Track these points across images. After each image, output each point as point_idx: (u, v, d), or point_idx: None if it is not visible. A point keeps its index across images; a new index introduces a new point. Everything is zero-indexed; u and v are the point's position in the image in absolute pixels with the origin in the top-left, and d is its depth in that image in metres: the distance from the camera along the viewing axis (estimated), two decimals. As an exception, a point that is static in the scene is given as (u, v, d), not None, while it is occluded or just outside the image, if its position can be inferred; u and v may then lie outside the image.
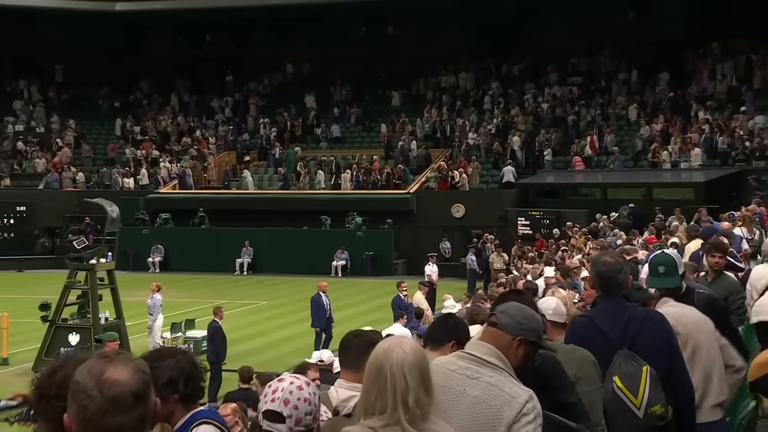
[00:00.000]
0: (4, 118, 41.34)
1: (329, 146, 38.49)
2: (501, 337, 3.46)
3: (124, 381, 2.24)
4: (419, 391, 2.83)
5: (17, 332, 18.40)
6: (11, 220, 35.98)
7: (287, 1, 37.94)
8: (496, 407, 3.23)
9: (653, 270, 5.26)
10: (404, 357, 2.86)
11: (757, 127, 31.33)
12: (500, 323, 3.51)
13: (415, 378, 2.84)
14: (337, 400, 3.98)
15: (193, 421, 3.69)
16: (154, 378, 3.60)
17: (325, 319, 18.27)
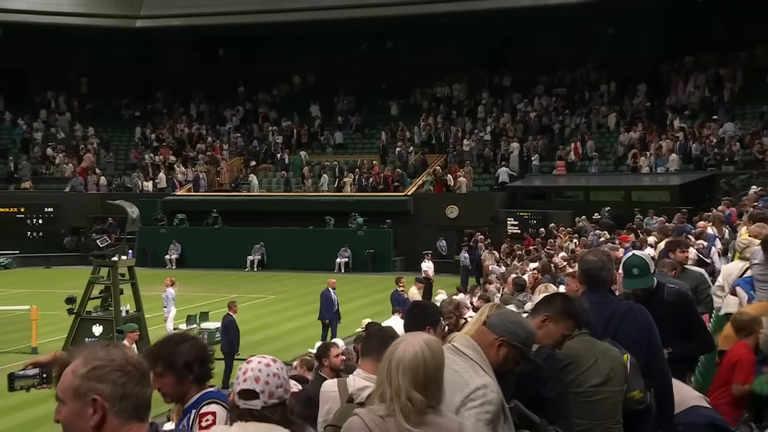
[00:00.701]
0: (33, 125, 41.37)
1: (333, 152, 38.48)
2: (486, 335, 3.49)
3: (143, 360, 2.32)
4: (410, 390, 2.82)
5: (45, 324, 18.43)
6: (40, 220, 35.97)
7: (294, 18, 37.84)
8: (450, 391, 3.19)
9: (627, 272, 5.24)
10: (403, 356, 2.86)
11: (727, 135, 31.37)
12: (489, 322, 3.54)
13: (407, 378, 2.83)
14: (353, 388, 3.99)
15: (204, 399, 3.75)
16: (173, 361, 3.69)
17: (332, 313, 18.26)
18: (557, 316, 3.96)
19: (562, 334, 3.95)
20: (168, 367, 3.73)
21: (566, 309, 4.01)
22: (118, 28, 39.65)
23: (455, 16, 36.28)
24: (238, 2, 38.60)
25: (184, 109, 43.13)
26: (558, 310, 3.99)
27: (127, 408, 2.24)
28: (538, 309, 4.13)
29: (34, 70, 41.00)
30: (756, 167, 28.76)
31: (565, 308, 4.01)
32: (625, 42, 36.33)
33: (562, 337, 3.96)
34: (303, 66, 41.87)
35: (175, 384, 3.74)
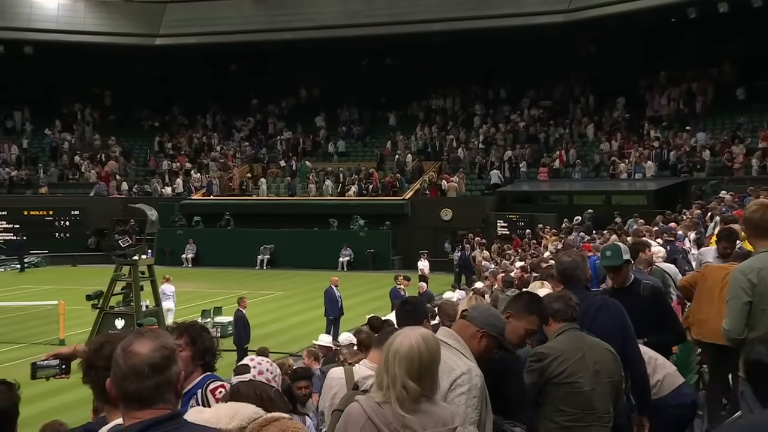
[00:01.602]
0: (61, 135, 41.40)
1: (336, 159, 38.48)
2: (468, 327, 3.55)
3: (144, 353, 2.28)
4: (405, 379, 2.84)
5: (71, 318, 18.45)
6: (67, 222, 36.01)
7: (300, 36, 37.88)
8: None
9: (603, 255, 5.52)
10: (399, 347, 2.88)
11: (698, 144, 31.42)
12: (469, 316, 3.60)
13: (403, 368, 2.85)
14: (358, 376, 4.01)
15: (207, 380, 3.85)
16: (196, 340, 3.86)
17: (337, 309, 18.14)
18: (519, 312, 3.95)
19: (524, 329, 3.93)
20: (191, 343, 3.82)
21: (528, 305, 4.00)
22: (138, 46, 39.70)
23: (449, 35, 36.29)
24: (249, 22, 38.69)
25: (199, 120, 43.11)
26: (519, 306, 4.00)
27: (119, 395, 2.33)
28: (505, 307, 4.14)
29: (62, 85, 41.01)
30: (725, 173, 28.82)
31: (526, 305, 4.01)
32: (606, 58, 36.40)
33: (525, 332, 3.94)
34: (309, 80, 41.89)
35: (189, 361, 3.77)
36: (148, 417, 2.28)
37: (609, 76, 36.08)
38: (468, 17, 35.27)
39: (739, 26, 31.82)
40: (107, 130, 41.81)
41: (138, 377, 2.28)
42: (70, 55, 39.09)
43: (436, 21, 36.06)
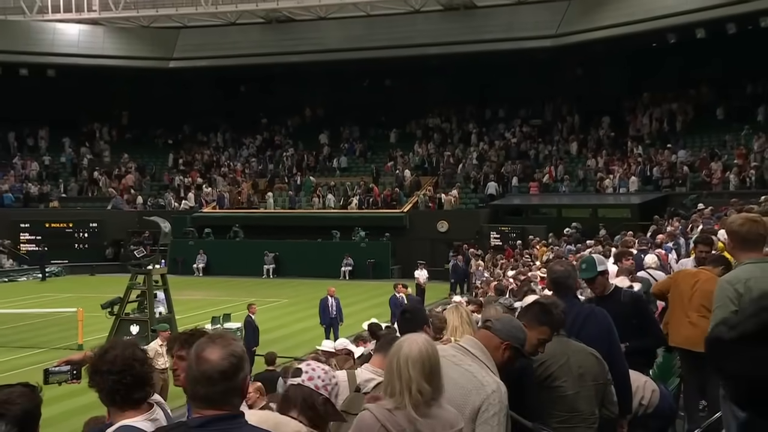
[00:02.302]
0: (81, 152, 41.44)
1: (339, 174, 38.51)
2: (492, 339, 3.49)
3: (214, 361, 2.30)
4: (420, 381, 2.79)
5: (89, 324, 18.40)
6: (85, 233, 36.02)
7: (305, 59, 38.00)
8: (466, 390, 3.19)
9: (580, 267, 5.47)
10: (410, 352, 2.84)
11: (679, 161, 31.44)
12: (493, 328, 3.54)
13: (417, 370, 2.80)
14: (360, 380, 3.98)
15: None
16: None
17: (329, 318, 17.94)
18: (531, 322, 3.91)
19: (537, 338, 3.89)
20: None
21: (539, 317, 3.96)
22: (154, 69, 39.80)
23: (445, 58, 36.43)
24: (257, 46, 38.80)
25: (210, 138, 43.17)
26: (531, 317, 3.96)
27: (188, 394, 2.37)
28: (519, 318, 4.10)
29: (82, 105, 41.07)
30: (704, 188, 28.84)
31: (538, 316, 3.96)
32: (592, 80, 36.48)
33: (538, 341, 3.90)
34: (313, 100, 41.99)
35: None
36: (211, 414, 2.32)
37: (594, 97, 36.17)
38: (462, 41, 35.40)
39: (715, 51, 31.99)
40: (124, 148, 41.89)
41: (208, 383, 2.30)
42: (90, 78, 39.21)
43: (432, 45, 36.17)
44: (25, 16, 40.35)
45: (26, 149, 41.56)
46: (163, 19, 40.73)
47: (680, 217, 21.00)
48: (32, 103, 39.55)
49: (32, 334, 19.66)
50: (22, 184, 38.53)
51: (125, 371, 2.80)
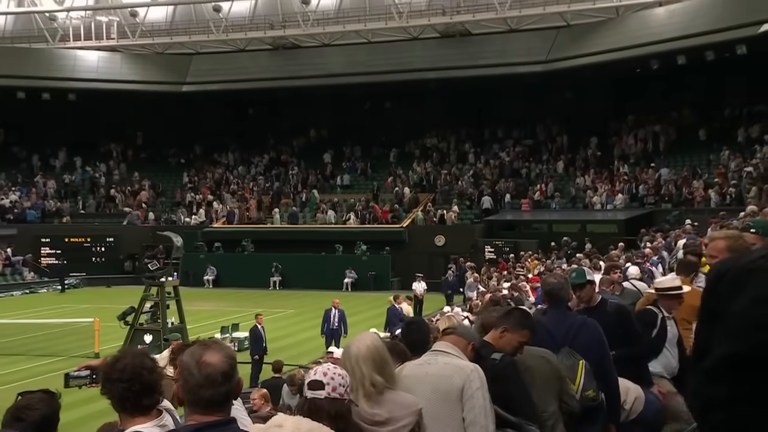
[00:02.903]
0: (99, 171, 41.52)
1: (341, 191, 38.54)
2: (460, 341, 3.62)
3: (216, 363, 2.30)
4: (372, 374, 2.91)
5: (105, 333, 18.35)
6: (102, 248, 36.00)
7: (310, 84, 38.16)
8: (449, 376, 3.30)
9: (570, 275, 5.53)
10: (359, 351, 2.96)
11: (662, 179, 31.50)
12: (458, 332, 3.71)
13: (368, 365, 2.91)
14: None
15: None
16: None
17: (330, 329, 17.81)
18: (513, 326, 3.97)
19: (518, 341, 3.96)
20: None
21: (520, 321, 4.03)
22: (167, 93, 39.95)
23: (442, 82, 36.60)
24: (265, 71, 38.98)
25: (220, 157, 43.24)
26: (513, 322, 4.01)
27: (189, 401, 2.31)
28: (499, 322, 4.13)
29: (100, 126, 41.26)
30: (686, 205, 28.86)
31: (520, 320, 4.03)
32: (580, 103, 36.63)
33: (519, 345, 3.96)
34: (318, 122, 42.11)
35: None
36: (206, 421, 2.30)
37: (582, 119, 36.30)
38: (458, 66, 35.58)
39: (695, 76, 32.16)
40: (139, 166, 41.96)
41: (213, 385, 2.30)
42: (108, 101, 39.37)
43: (430, 70, 36.36)
44: (48, 44, 40.65)
45: (48, 168, 41.64)
46: (176, 46, 41.00)
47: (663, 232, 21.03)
48: (54, 125, 39.81)
49: (52, 343, 19.62)
50: (43, 201, 38.60)
51: (134, 379, 2.79)
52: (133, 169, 41.70)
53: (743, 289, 1.39)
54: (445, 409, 3.26)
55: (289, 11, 39.02)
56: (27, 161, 41.52)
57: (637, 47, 31.37)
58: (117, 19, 40.62)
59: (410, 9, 36.76)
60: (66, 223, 37.55)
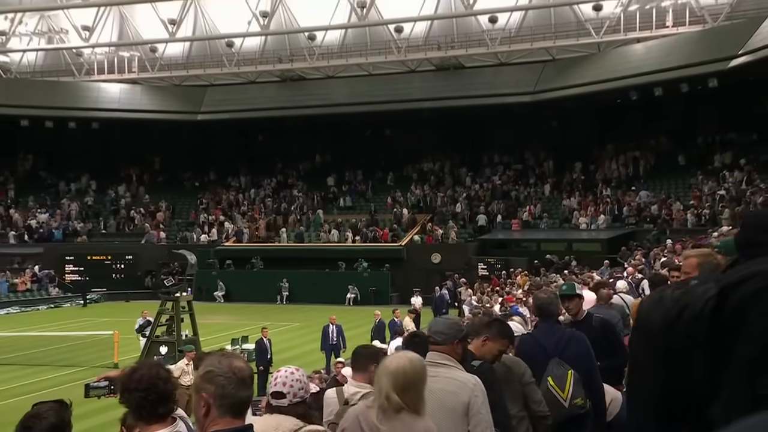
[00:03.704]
0: (119, 193, 41.58)
1: (344, 212, 38.55)
2: (444, 348, 3.57)
3: (245, 368, 2.36)
4: (390, 391, 2.86)
5: (124, 345, 18.29)
6: (122, 265, 35.95)
7: (315, 112, 38.33)
8: (455, 392, 3.27)
9: (560, 289, 5.62)
10: (389, 365, 2.92)
11: (642, 201, 31.55)
12: (438, 341, 3.61)
13: (389, 381, 2.88)
14: (347, 394, 3.99)
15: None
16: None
17: (329, 345, 17.57)
18: (494, 336, 3.98)
19: (498, 350, 3.98)
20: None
21: (501, 332, 4.04)
22: (183, 121, 40.12)
23: (437, 111, 36.78)
24: (274, 101, 39.19)
25: (232, 181, 43.31)
26: (494, 332, 4.02)
27: (224, 405, 2.29)
28: (480, 332, 4.12)
29: (120, 152, 41.39)
30: (666, 225, 28.87)
31: (500, 331, 4.04)
32: (565, 131, 36.79)
33: (498, 353, 3.98)
34: (322, 148, 42.22)
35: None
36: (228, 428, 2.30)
37: (567, 145, 36.44)
38: (452, 97, 35.77)
39: (671, 107, 32.37)
40: (156, 189, 42.02)
41: (247, 387, 2.34)
42: (128, 129, 39.54)
43: (426, 100, 36.55)
44: (74, 78, 40.95)
45: (72, 191, 41.71)
46: (192, 79, 41.27)
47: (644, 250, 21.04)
48: (78, 151, 39.96)
49: (74, 354, 19.51)
50: (67, 222, 38.62)
51: (150, 389, 2.78)
52: (151, 192, 41.77)
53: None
54: (451, 424, 3.24)
55: (296, 46, 39.34)
56: (54, 185, 41.61)
57: (617, 80, 31.59)
58: (138, 54, 40.92)
59: (408, 44, 37.05)
60: (83, 242, 37.51)
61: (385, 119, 38.61)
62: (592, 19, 33.97)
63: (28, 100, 37.27)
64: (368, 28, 37.52)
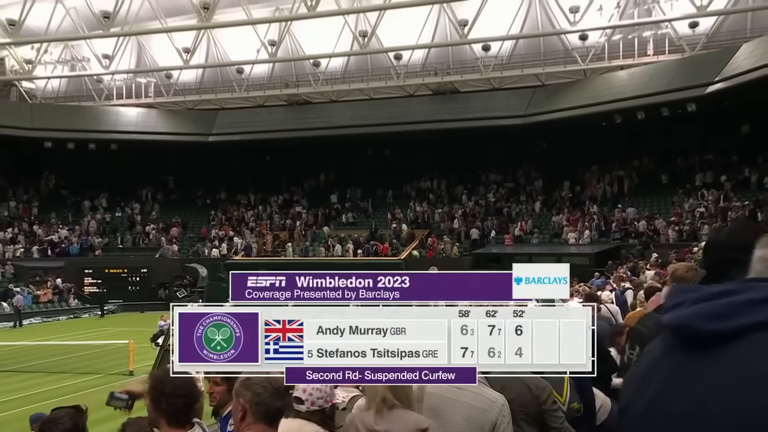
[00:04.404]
0: (135, 210, 41.64)
1: (346, 228, 38.57)
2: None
3: (281, 379, 2.44)
4: (386, 392, 2.88)
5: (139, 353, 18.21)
6: (137, 277, 35.91)
7: (319, 134, 38.47)
8: (482, 409, 3.13)
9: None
10: None
11: (628, 217, 31.61)
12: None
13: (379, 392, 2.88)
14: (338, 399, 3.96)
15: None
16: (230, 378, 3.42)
17: None
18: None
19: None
20: (226, 379, 3.65)
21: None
22: (196, 142, 40.28)
23: (434, 132, 36.93)
24: (281, 123, 39.38)
25: (241, 198, 43.39)
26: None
27: (259, 412, 2.31)
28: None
29: (137, 172, 41.53)
30: (650, 241, 28.94)
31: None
32: (553, 151, 36.91)
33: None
34: (326, 167, 42.35)
35: (225, 393, 3.66)
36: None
37: (556, 165, 36.55)
38: (448, 120, 35.98)
39: (653, 129, 32.54)
40: (170, 207, 42.09)
41: (279, 397, 2.38)
42: (145, 150, 39.68)
43: (423, 122, 36.71)
44: (94, 102, 41.23)
45: (92, 208, 41.79)
46: (204, 103, 41.54)
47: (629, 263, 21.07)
48: (98, 171, 40.07)
49: (92, 362, 19.45)
50: (87, 237, 38.67)
51: (189, 395, 2.78)
52: (165, 209, 41.84)
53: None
54: None
55: (302, 72, 39.63)
56: (75, 202, 41.69)
57: (602, 104, 31.80)
58: (154, 80, 41.23)
59: (407, 70, 37.34)
60: (99, 256, 37.52)
61: (385, 140, 38.76)
62: (578, 48, 34.29)
63: (52, 124, 37.49)
64: (369, 56, 37.83)
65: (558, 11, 32.98)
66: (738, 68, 26.81)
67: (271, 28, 36.20)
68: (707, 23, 31.84)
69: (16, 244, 36.78)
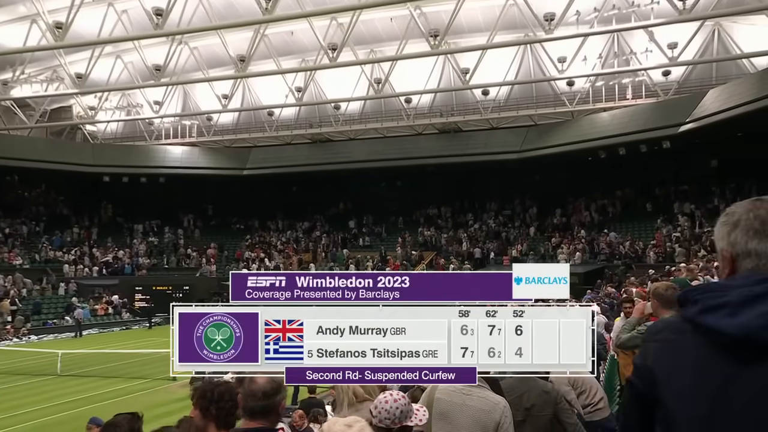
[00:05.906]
0: (178, 234, 42.13)
1: (363, 250, 38.68)
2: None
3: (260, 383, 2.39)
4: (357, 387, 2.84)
5: (181, 361, 18.38)
6: (180, 294, 36.14)
7: (340, 168, 38.86)
8: (488, 411, 3.00)
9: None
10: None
11: (613, 241, 31.50)
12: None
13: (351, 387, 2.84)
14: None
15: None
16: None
17: None
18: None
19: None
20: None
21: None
22: (232, 176, 40.80)
23: (439, 166, 37.17)
24: (306, 159, 39.77)
25: (270, 224, 43.73)
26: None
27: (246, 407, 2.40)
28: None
29: (181, 201, 42.13)
30: (633, 262, 28.82)
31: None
32: (546, 183, 36.99)
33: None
34: (345, 197, 42.64)
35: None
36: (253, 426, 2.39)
37: (548, 195, 36.62)
38: (452, 155, 36.23)
39: (632, 163, 32.59)
40: (209, 232, 42.55)
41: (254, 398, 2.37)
42: (188, 183, 40.36)
43: (431, 157, 36.97)
44: (146, 142, 42.15)
45: (142, 233, 42.42)
46: (240, 141, 42.23)
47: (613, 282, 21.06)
48: (148, 201, 40.77)
49: (140, 368, 19.74)
50: (138, 258, 39.25)
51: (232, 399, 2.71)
52: (205, 234, 42.33)
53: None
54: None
55: (324, 114, 40.27)
56: (128, 228, 42.38)
57: (588, 141, 31.99)
58: (197, 122, 42.10)
59: (416, 112, 37.85)
60: (143, 275, 37.98)
61: (397, 173, 39.07)
62: (566, 92, 34.62)
63: (110, 161, 38.42)
64: (383, 100, 38.40)
65: (548, 61, 33.42)
66: (706, 111, 27.01)
67: (297, 76, 36.98)
68: (678, 72, 32.14)
69: (78, 264, 37.49)
